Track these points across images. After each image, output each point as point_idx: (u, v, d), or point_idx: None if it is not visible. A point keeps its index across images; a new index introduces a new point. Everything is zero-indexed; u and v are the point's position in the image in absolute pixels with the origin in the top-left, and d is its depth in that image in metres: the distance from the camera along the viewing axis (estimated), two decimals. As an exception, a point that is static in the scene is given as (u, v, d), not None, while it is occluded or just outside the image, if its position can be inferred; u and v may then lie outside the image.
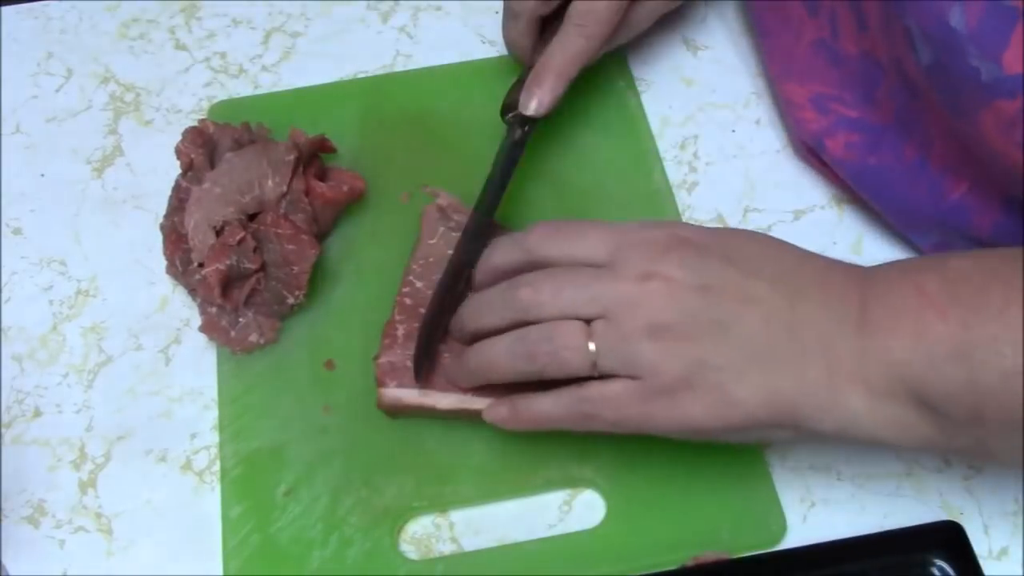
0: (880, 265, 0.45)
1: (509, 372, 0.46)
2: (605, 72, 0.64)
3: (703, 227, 0.47)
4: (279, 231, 0.54)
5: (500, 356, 0.46)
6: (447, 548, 0.49)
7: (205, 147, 0.57)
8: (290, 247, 0.54)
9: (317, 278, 0.55)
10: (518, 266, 0.49)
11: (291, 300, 0.54)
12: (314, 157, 0.59)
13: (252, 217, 0.55)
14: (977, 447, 0.42)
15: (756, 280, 0.44)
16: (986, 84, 0.45)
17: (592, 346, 0.44)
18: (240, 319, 0.54)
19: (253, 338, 0.54)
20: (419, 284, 0.54)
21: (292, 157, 0.56)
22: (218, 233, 0.54)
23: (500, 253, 0.49)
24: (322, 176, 0.58)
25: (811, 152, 0.59)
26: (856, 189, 0.57)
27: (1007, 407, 0.39)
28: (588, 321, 0.44)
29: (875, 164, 0.55)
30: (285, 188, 0.56)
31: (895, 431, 0.42)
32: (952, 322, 0.40)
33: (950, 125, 0.50)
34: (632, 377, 0.43)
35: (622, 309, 0.44)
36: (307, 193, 0.56)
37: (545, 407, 0.46)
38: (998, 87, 0.44)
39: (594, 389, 0.44)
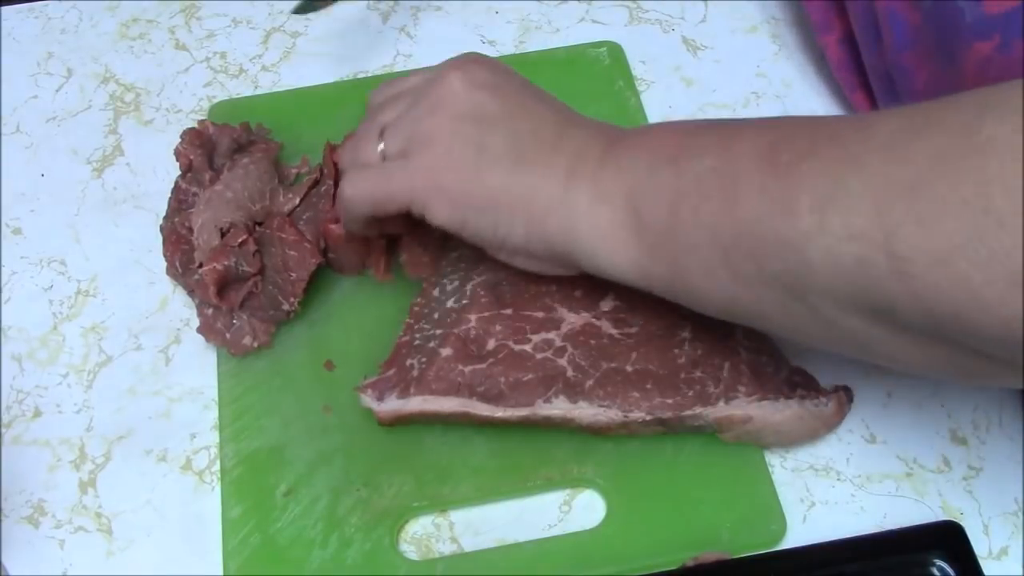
0: None
1: (346, 186, 0.50)
2: (605, 72, 0.64)
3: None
4: (283, 235, 0.54)
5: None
6: (447, 548, 0.49)
7: (204, 148, 0.57)
8: (292, 253, 0.54)
9: (318, 278, 0.55)
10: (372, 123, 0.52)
11: (286, 307, 0.54)
12: None
13: (260, 224, 0.56)
14: (674, 272, 0.43)
15: (538, 98, 0.48)
16: (968, 25, 0.47)
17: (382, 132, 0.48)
18: (235, 321, 0.54)
19: (247, 341, 0.54)
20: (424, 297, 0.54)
21: (313, 177, 0.57)
22: (223, 234, 0.54)
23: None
24: None
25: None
26: None
27: (697, 208, 0.41)
28: None
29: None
30: (297, 202, 0.56)
31: (609, 238, 0.44)
32: (677, 143, 0.44)
33: (936, 79, 0.52)
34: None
35: (418, 96, 0.48)
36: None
37: (346, 190, 0.49)
38: (977, 28, 0.47)
39: (390, 164, 0.48)
